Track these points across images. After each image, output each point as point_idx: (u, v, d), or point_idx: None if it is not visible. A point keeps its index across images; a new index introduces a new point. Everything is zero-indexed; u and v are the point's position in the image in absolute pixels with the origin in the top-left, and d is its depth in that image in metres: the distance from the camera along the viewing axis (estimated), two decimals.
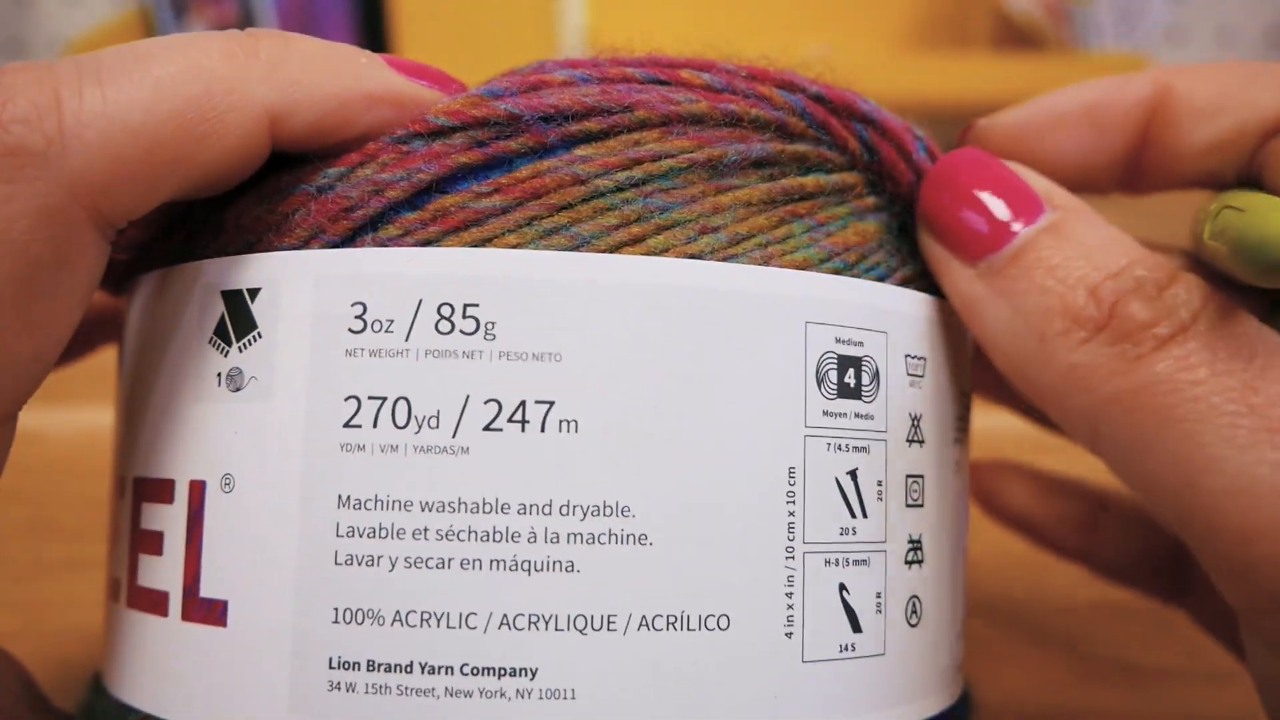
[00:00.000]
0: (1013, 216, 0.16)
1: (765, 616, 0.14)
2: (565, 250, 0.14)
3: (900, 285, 0.16)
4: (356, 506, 0.14)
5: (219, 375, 0.15)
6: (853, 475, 0.15)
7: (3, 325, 0.13)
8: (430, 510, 0.14)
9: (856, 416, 0.15)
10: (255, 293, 0.15)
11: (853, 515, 0.15)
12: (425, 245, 0.14)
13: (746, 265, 0.15)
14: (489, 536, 0.14)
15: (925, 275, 0.17)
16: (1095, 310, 0.15)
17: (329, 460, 0.14)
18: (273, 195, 0.15)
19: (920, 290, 0.17)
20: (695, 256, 0.15)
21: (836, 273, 0.16)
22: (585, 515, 0.14)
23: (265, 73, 0.14)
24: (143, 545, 0.16)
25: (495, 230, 0.14)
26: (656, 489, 0.14)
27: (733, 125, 0.15)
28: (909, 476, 0.16)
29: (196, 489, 0.15)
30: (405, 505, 0.14)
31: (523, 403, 0.14)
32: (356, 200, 0.15)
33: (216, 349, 0.15)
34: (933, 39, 0.50)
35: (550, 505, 0.14)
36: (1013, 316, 0.15)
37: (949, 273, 0.16)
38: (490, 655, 0.14)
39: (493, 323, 0.14)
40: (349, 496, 0.14)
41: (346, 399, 0.14)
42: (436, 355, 0.14)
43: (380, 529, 0.14)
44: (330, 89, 0.15)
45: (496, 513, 0.14)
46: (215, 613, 0.15)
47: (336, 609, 0.14)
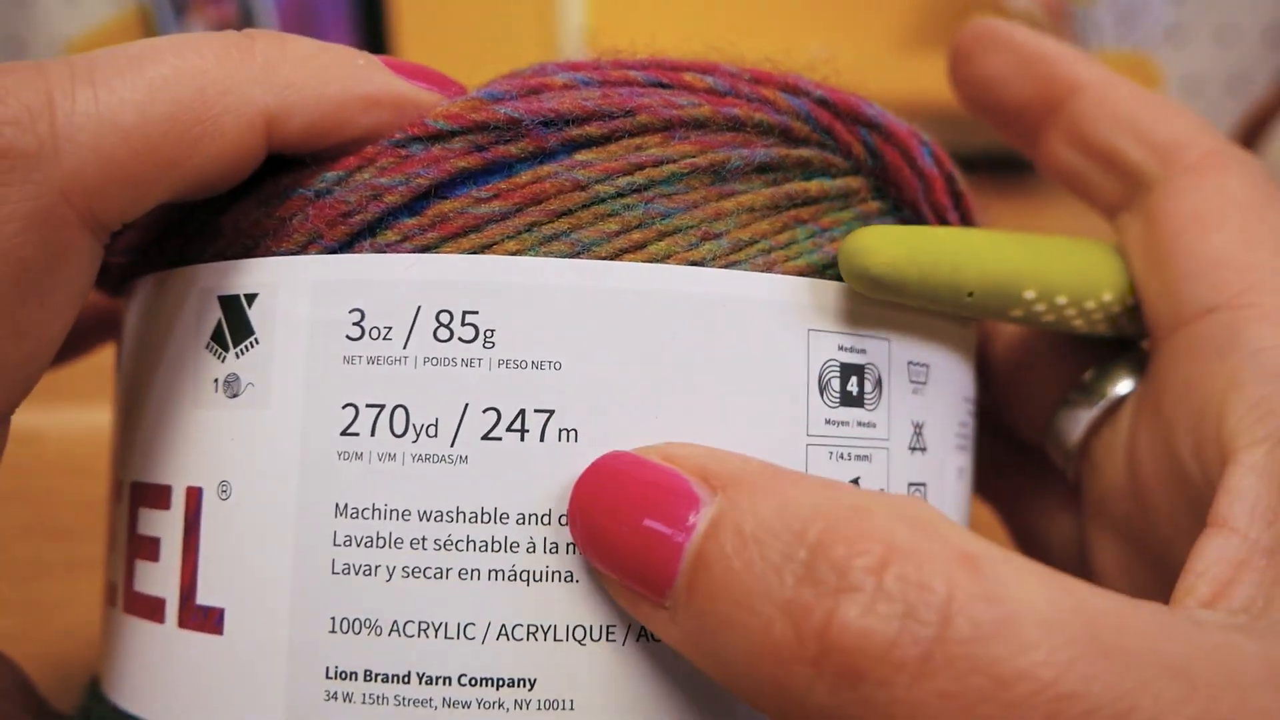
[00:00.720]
0: (670, 526, 0.13)
1: None
2: (566, 257, 0.14)
3: None
4: (354, 515, 0.14)
5: (216, 381, 0.15)
6: (855, 484, 0.15)
7: None
8: (428, 520, 0.14)
9: (859, 425, 0.15)
10: (252, 298, 0.15)
11: None
12: (424, 251, 0.14)
13: (749, 272, 0.15)
14: (488, 546, 0.14)
15: None
16: (798, 644, 0.11)
17: (326, 468, 0.14)
18: (270, 199, 0.15)
19: None
20: (697, 263, 0.15)
21: (840, 279, 0.15)
22: None
23: (261, 74, 0.14)
24: (139, 551, 0.16)
25: (495, 236, 0.14)
26: None
27: (736, 129, 0.15)
28: (911, 484, 0.16)
29: (193, 495, 0.15)
30: (403, 514, 0.14)
31: (522, 411, 0.14)
32: (354, 205, 0.15)
33: (213, 354, 0.15)
34: (933, 39, 0.50)
35: (549, 515, 0.14)
36: (725, 667, 0.12)
37: (646, 618, 0.13)
38: (488, 666, 0.14)
39: (492, 330, 0.14)
40: (346, 505, 0.14)
41: (344, 406, 0.14)
42: (435, 363, 0.14)
43: (378, 538, 0.14)
44: (327, 91, 0.14)
45: (495, 523, 0.14)
46: (211, 620, 0.14)
47: (333, 618, 0.14)
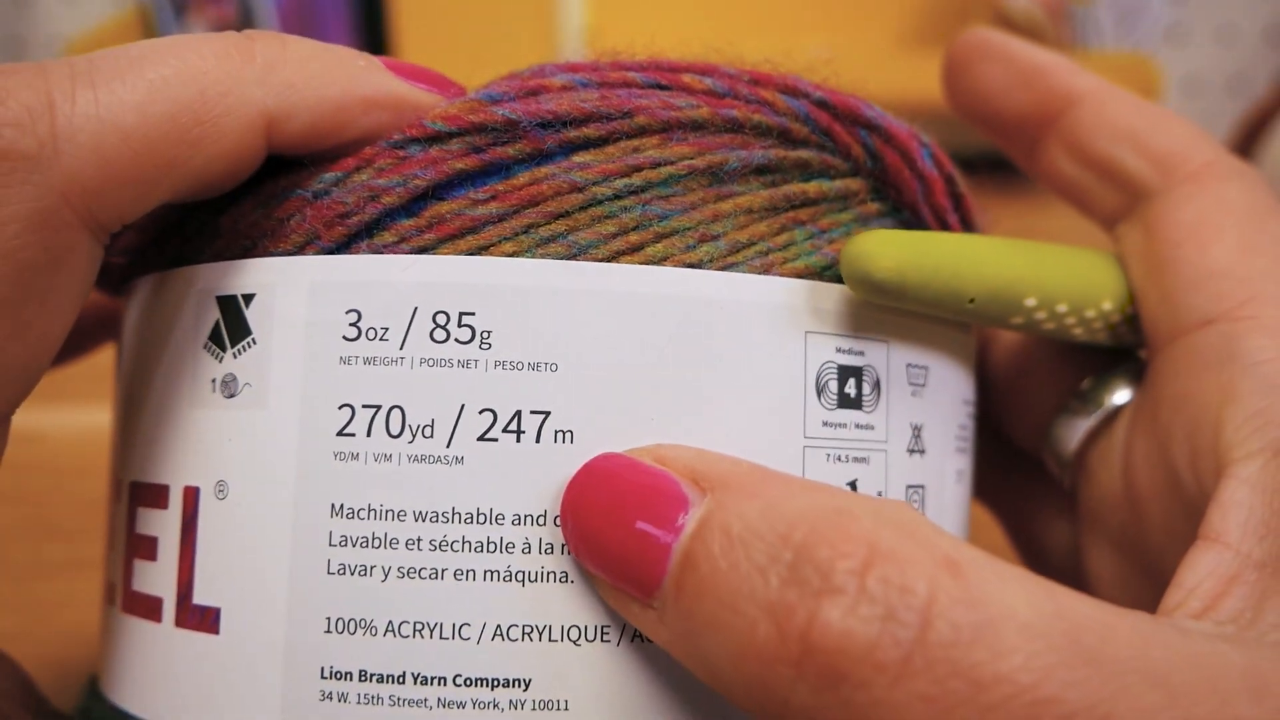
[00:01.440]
0: (659, 527, 0.13)
1: None
2: (563, 259, 0.14)
3: None
4: (350, 516, 0.14)
5: (213, 381, 0.15)
6: (852, 486, 0.15)
7: None
8: (424, 520, 0.14)
9: (857, 427, 0.15)
10: (250, 298, 0.15)
11: None
12: (421, 252, 0.14)
13: (746, 274, 0.15)
14: (483, 547, 0.14)
15: None
16: (780, 644, 0.11)
17: (322, 469, 0.14)
18: (269, 200, 0.15)
19: None
20: (694, 265, 0.15)
21: (838, 280, 0.15)
22: None
23: (261, 75, 0.14)
24: (138, 550, 0.16)
25: (492, 238, 0.14)
26: None
27: (734, 131, 0.15)
28: (909, 487, 0.16)
29: (191, 495, 0.15)
30: (399, 515, 0.14)
31: (518, 413, 0.14)
32: (352, 206, 0.15)
33: (211, 354, 0.15)
34: (933, 39, 0.50)
35: (545, 516, 0.14)
36: (711, 668, 0.12)
37: (635, 619, 0.13)
38: (483, 666, 0.14)
39: (488, 332, 0.14)
40: (342, 505, 0.14)
41: (340, 407, 0.14)
42: (431, 364, 0.14)
43: (374, 539, 0.14)
44: (327, 93, 0.14)
45: (491, 523, 0.14)
46: (208, 620, 0.15)
47: (329, 618, 0.14)
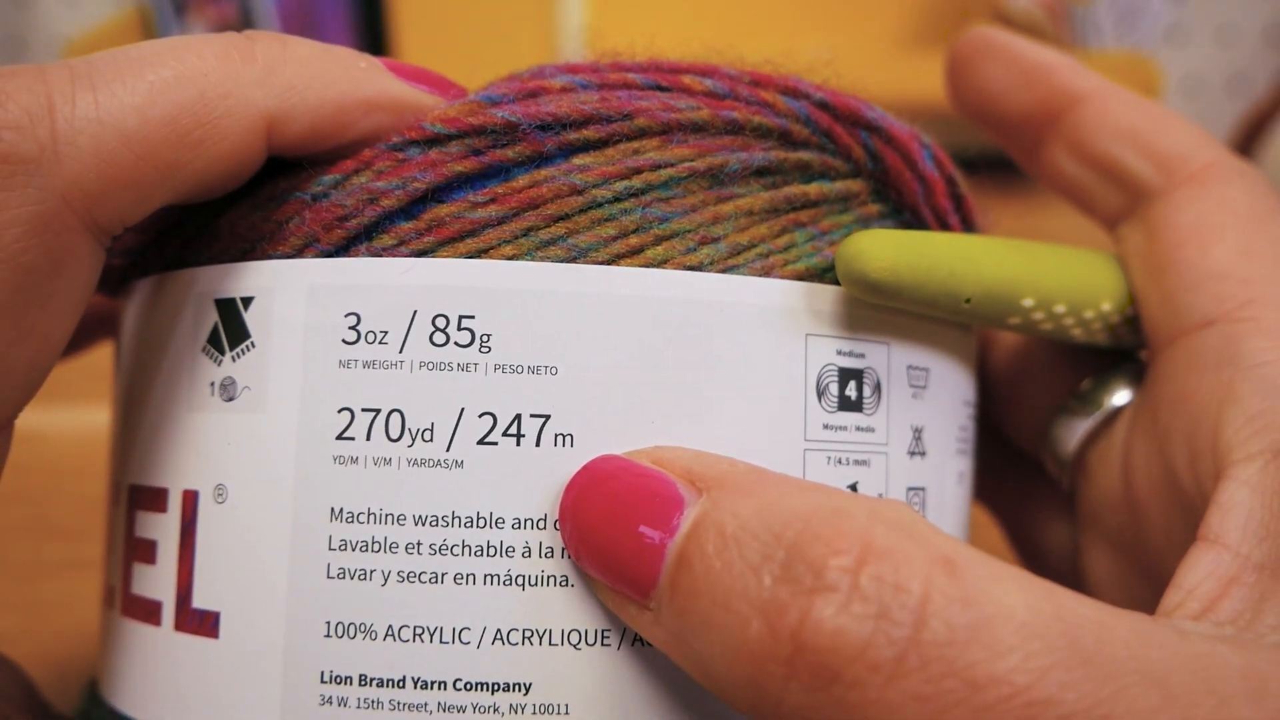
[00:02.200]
0: (655, 528, 0.13)
1: None
2: (562, 262, 0.14)
3: None
4: (349, 520, 0.14)
5: (212, 384, 0.15)
6: (853, 489, 0.15)
7: None
8: (423, 524, 0.14)
9: (857, 429, 0.15)
10: (249, 301, 0.15)
11: None
12: (420, 255, 0.14)
13: (746, 277, 0.15)
14: (483, 551, 0.14)
15: None
16: (773, 643, 0.11)
17: (321, 473, 0.14)
18: (268, 202, 0.15)
19: None
20: (695, 267, 0.15)
21: (839, 283, 0.15)
22: None
23: (261, 77, 0.14)
24: (137, 554, 0.16)
25: (491, 241, 0.14)
26: None
27: (734, 133, 0.15)
28: (910, 489, 0.16)
29: (190, 499, 0.15)
30: (398, 519, 0.14)
31: (518, 416, 0.14)
32: (351, 209, 0.15)
33: (210, 357, 0.15)
34: (933, 39, 0.49)
35: (545, 520, 0.14)
36: (705, 668, 0.12)
37: (633, 620, 0.13)
38: (484, 670, 0.14)
39: (488, 335, 0.14)
40: (342, 509, 0.14)
41: (340, 411, 0.14)
42: (431, 367, 0.14)
43: (373, 542, 0.14)
44: (327, 94, 0.14)
45: (491, 527, 0.14)
46: (208, 624, 0.14)
47: (329, 623, 0.14)
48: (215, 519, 0.15)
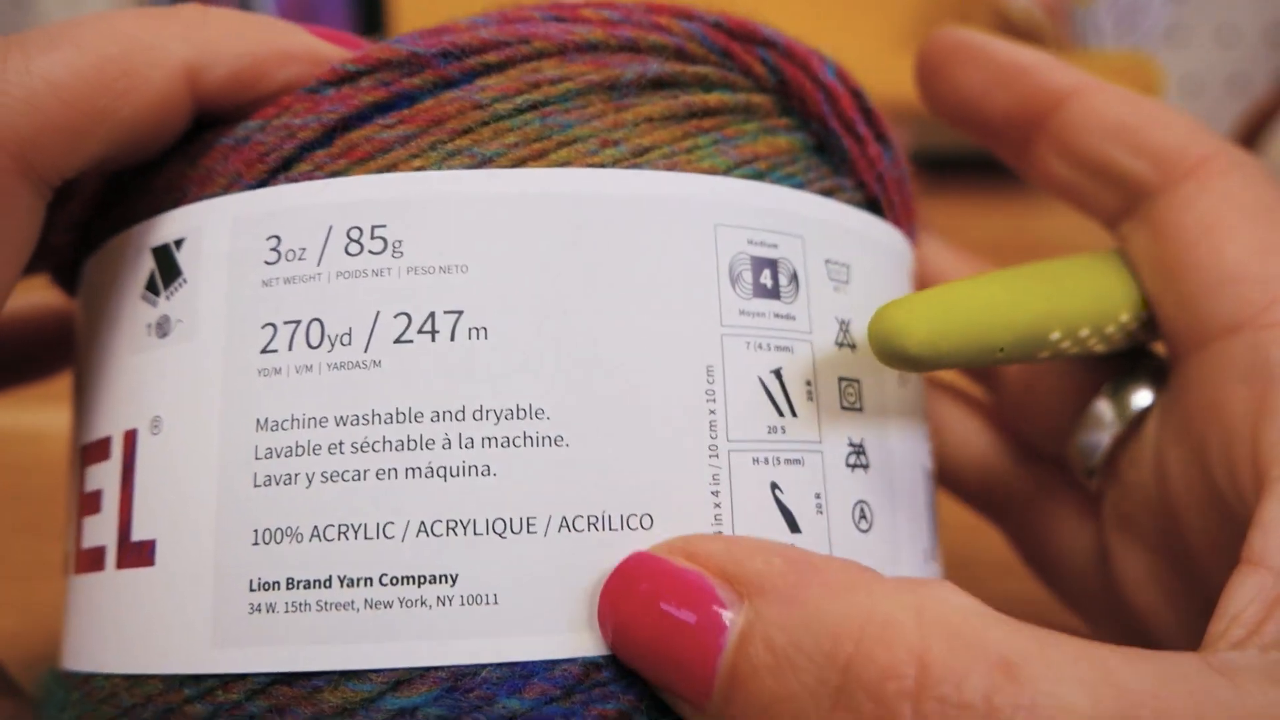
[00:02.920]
0: (702, 641, 0.13)
1: (690, 514, 0.14)
2: (469, 169, 0.15)
3: (820, 195, 0.17)
4: (274, 428, 0.14)
5: (149, 326, 0.15)
6: (777, 374, 0.15)
7: None
8: (344, 424, 0.14)
9: (776, 316, 0.15)
10: (180, 243, 0.15)
11: (780, 414, 0.15)
12: (334, 177, 0.15)
13: (652, 171, 0.15)
14: (403, 445, 0.14)
15: (848, 189, 0.17)
16: None
17: (248, 387, 0.14)
18: (196, 154, 0.16)
19: (844, 203, 0.17)
20: (599, 167, 0.15)
21: (746, 179, 0.16)
22: (499, 420, 0.14)
23: (182, 33, 0.15)
24: (86, 508, 0.16)
25: (400, 156, 0.15)
26: (569, 391, 0.14)
27: (630, 50, 0.16)
28: (842, 379, 0.16)
29: (130, 438, 0.15)
30: (320, 422, 0.14)
31: (432, 314, 0.14)
32: (271, 145, 0.15)
33: (147, 302, 0.16)
34: None
35: (463, 411, 0.14)
36: None
37: (690, 718, 0.13)
38: (409, 564, 0.13)
39: (400, 241, 0.14)
40: (267, 419, 0.14)
41: (263, 327, 0.14)
42: (347, 276, 0.14)
43: (297, 447, 0.14)
44: (245, 46, 0.16)
45: (410, 422, 0.14)
46: (145, 553, 0.15)
47: (256, 530, 0.14)
48: (151, 451, 0.15)
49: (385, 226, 0.15)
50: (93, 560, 0.16)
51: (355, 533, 0.14)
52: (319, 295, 0.14)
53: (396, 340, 0.14)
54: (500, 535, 0.14)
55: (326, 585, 0.14)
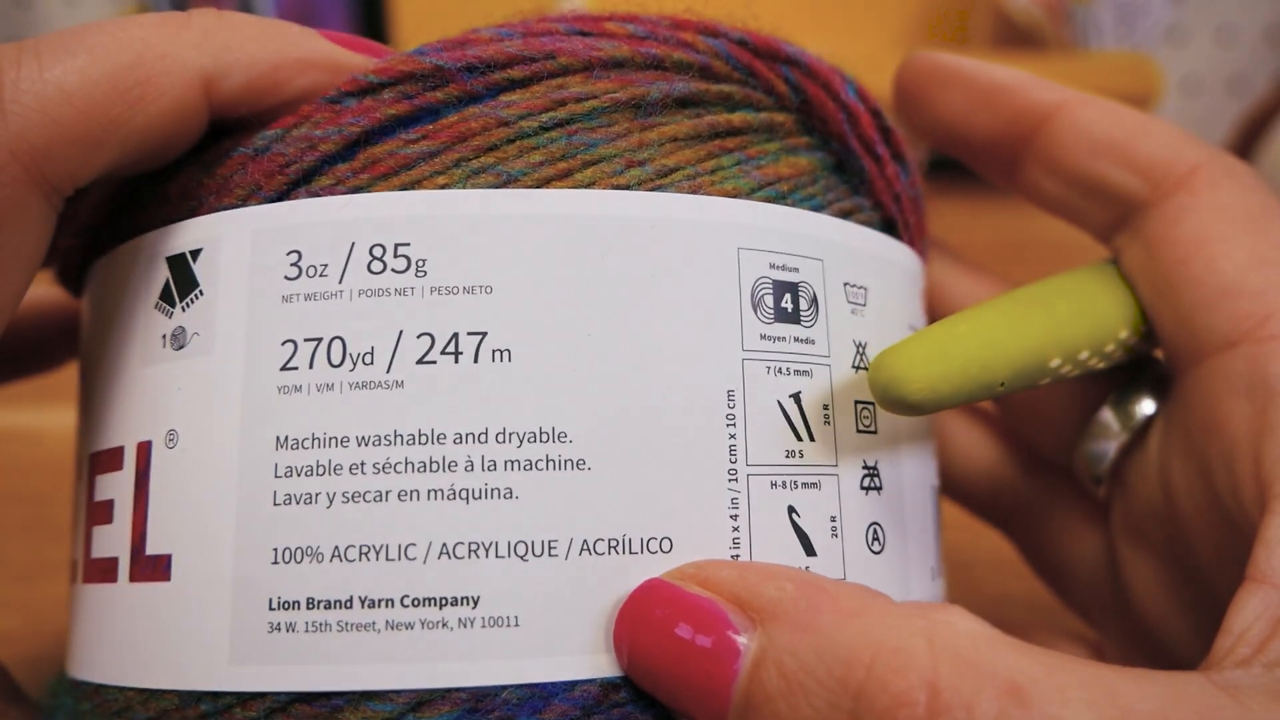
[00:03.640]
0: (717, 666, 0.13)
1: (709, 537, 0.14)
2: (493, 188, 0.15)
3: (839, 217, 0.17)
4: (294, 446, 0.14)
5: (164, 337, 0.15)
6: (796, 399, 0.15)
7: None
8: (366, 444, 0.14)
9: (796, 341, 0.15)
10: (197, 253, 0.15)
11: (799, 438, 0.15)
12: (356, 192, 0.15)
13: (675, 194, 0.15)
14: (425, 467, 0.14)
15: (866, 210, 0.17)
16: None
17: (267, 404, 0.14)
18: (213, 162, 0.16)
19: (862, 225, 0.17)
20: (623, 188, 0.15)
21: (768, 201, 0.16)
22: (521, 442, 0.14)
23: (198, 40, 0.15)
24: (95, 518, 0.16)
25: (424, 173, 0.15)
26: (592, 414, 0.14)
27: (656, 68, 0.16)
28: (858, 403, 0.16)
29: (143, 450, 0.15)
30: (342, 441, 0.14)
31: (455, 335, 0.14)
32: (291, 156, 0.15)
33: (162, 313, 0.15)
34: (933, 39, 0.51)
35: (486, 433, 0.14)
36: None
37: None
38: (430, 585, 0.14)
39: (423, 260, 0.14)
40: (287, 437, 0.14)
41: (284, 343, 0.14)
42: (369, 294, 0.14)
43: (318, 466, 0.14)
44: (261, 53, 0.15)
45: (432, 443, 0.14)
46: (160, 568, 0.15)
47: (275, 549, 0.14)
48: (167, 464, 0.15)
49: (409, 245, 0.14)
50: (104, 571, 0.15)
51: (377, 553, 0.14)
52: (341, 313, 0.14)
53: (419, 361, 0.14)
54: (522, 558, 0.14)
55: (347, 606, 0.14)
